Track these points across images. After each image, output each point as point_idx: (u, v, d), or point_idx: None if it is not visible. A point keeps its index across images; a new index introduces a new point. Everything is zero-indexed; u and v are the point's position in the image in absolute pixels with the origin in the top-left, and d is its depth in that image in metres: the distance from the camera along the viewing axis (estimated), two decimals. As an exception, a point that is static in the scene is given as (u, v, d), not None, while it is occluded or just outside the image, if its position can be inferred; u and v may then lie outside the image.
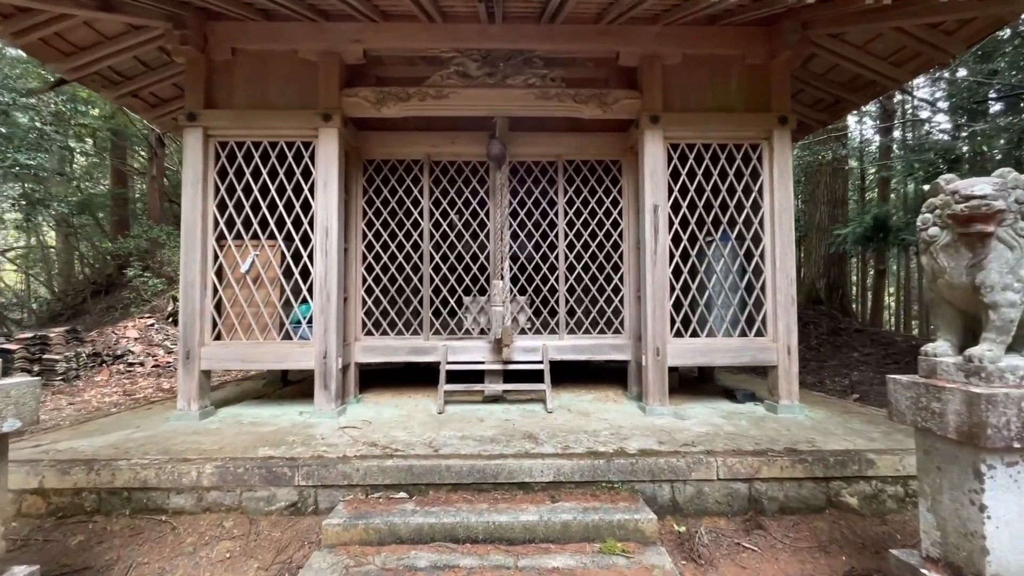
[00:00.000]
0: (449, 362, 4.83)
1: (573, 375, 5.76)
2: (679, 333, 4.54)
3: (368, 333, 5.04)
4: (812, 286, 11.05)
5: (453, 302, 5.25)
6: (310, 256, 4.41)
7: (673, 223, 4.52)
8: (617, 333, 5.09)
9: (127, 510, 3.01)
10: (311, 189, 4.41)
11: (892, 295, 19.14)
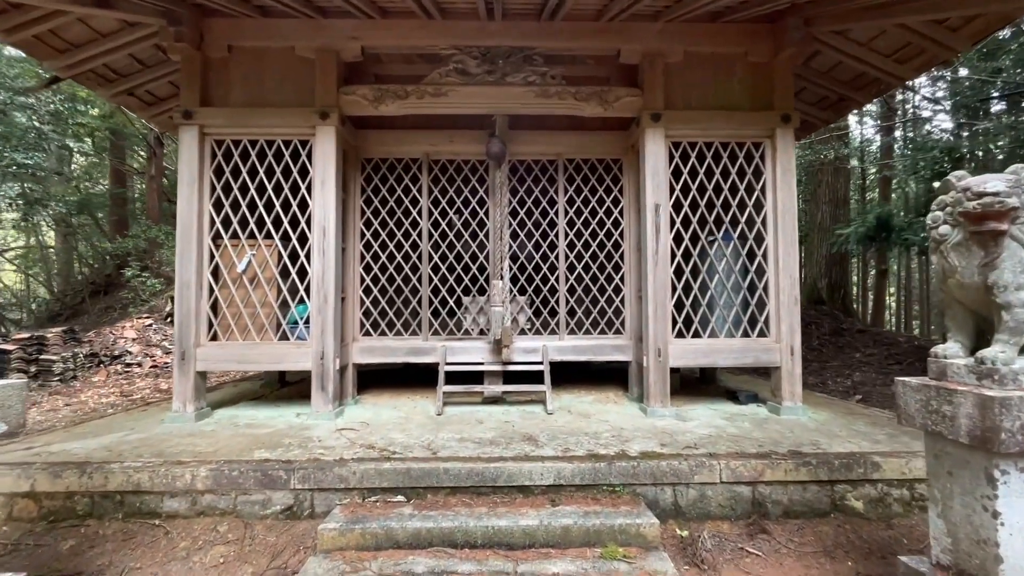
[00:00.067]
0: (448, 363, 4.78)
1: (573, 376, 5.70)
2: (681, 334, 4.49)
3: (366, 334, 4.99)
4: (814, 286, 11.00)
5: (452, 302, 5.19)
6: (307, 256, 4.36)
7: (675, 222, 4.47)
8: (618, 334, 5.04)
9: (120, 514, 2.96)
10: (308, 188, 4.36)
11: (892, 295, 19.10)
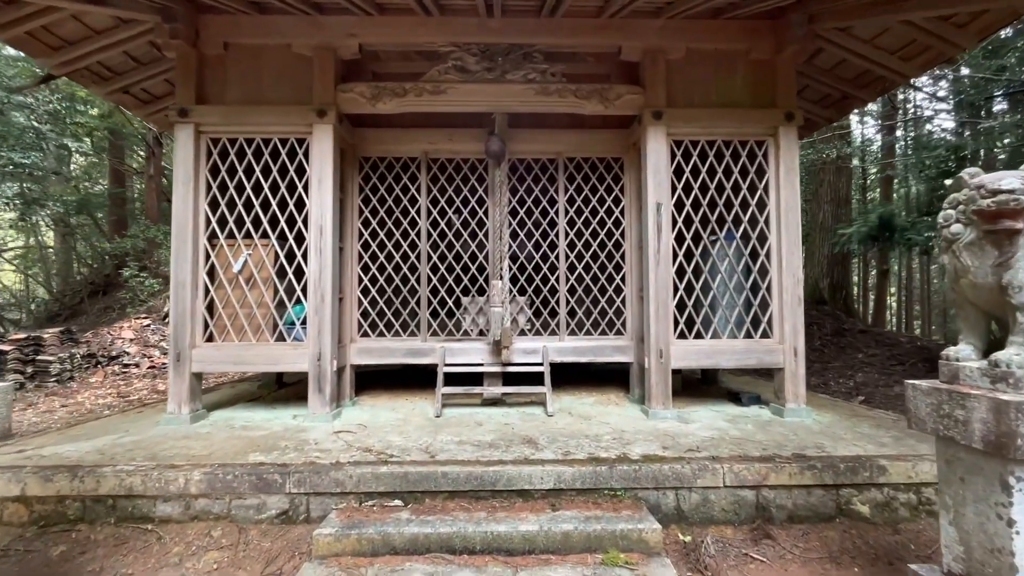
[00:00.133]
0: (447, 364, 4.72)
1: (574, 377, 5.64)
2: (683, 334, 4.44)
3: (364, 334, 4.94)
4: (815, 286, 10.94)
5: (451, 303, 5.13)
6: (304, 255, 4.30)
7: (676, 221, 4.42)
8: (619, 334, 4.98)
9: (112, 519, 2.90)
10: (305, 187, 4.31)
11: (893, 295, 19.03)
